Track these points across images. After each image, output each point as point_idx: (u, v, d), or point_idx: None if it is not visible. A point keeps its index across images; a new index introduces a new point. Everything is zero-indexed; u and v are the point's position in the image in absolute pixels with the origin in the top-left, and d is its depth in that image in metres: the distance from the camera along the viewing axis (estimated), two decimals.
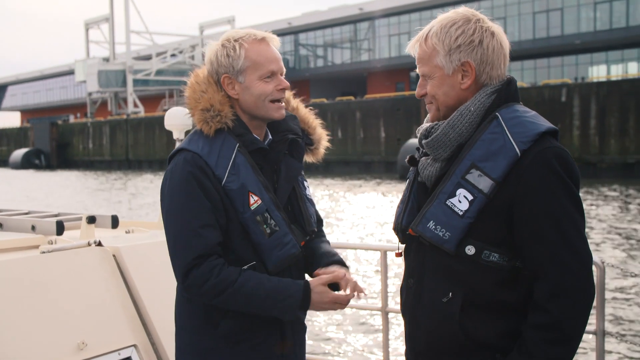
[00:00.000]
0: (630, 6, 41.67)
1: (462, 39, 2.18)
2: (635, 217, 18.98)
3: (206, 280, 2.33)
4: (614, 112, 30.95)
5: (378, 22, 55.57)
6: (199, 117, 2.48)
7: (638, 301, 10.19)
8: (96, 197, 30.28)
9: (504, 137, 2.10)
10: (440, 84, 2.23)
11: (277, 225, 2.44)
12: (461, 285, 2.16)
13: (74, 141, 64.57)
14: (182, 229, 2.37)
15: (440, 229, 2.16)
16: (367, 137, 41.22)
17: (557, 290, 2.05)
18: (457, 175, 2.15)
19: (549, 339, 2.05)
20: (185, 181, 2.39)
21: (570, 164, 2.09)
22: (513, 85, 2.24)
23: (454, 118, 2.20)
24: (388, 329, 4.65)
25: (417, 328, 2.28)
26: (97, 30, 72.77)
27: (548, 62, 47.11)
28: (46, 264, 3.11)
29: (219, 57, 2.49)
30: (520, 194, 2.07)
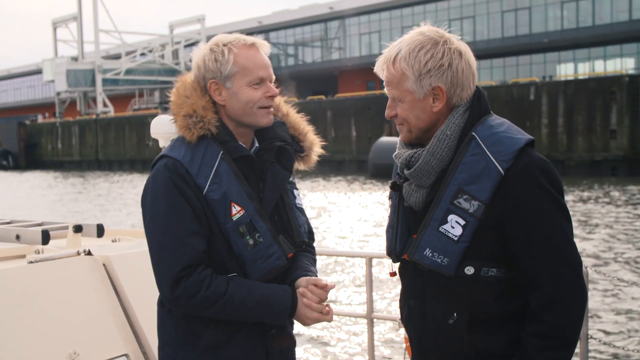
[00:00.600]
0: (596, 5, 42.33)
1: (431, 63, 2.16)
2: (607, 215, 19.26)
3: (197, 293, 2.27)
4: (582, 110, 31.38)
5: (348, 21, 55.69)
6: (181, 123, 2.40)
7: (619, 303, 10.31)
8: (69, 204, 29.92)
9: (485, 157, 2.12)
10: (412, 107, 2.22)
11: (262, 236, 2.36)
12: (464, 304, 2.18)
13: (43, 141, 63.71)
14: (167, 237, 2.29)
15: (438, 255, 2.17)
16: (338, 136, 41.26)
17: (552, 299, 2.10)
18: (446, 201, 2.16)
19: (548, 346, 2.10)
20: (167, 188, 2.31)
21: (553, 174, 2.13)
22: (483, 99, 2.25)
23: (432, 146, 2.20)
24: (373, 335, 4.67)
25: (426, 348, 2.31)
26: (65, 29, 71.82)
27: (517, 61, 47.64)
28: (35, 274, 3.07)
29: (207, 61, 2.41)
30: (510, 210, 2.11)
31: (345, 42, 56.55)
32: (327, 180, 34.72)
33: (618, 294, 10.81)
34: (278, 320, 2.39)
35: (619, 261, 13.28)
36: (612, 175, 30.05)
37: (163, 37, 69.18)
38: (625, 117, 30.21)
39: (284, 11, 61.87)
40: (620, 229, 16.77)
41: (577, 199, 22.67)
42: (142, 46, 69.32)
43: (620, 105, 30.37)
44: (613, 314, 9.76)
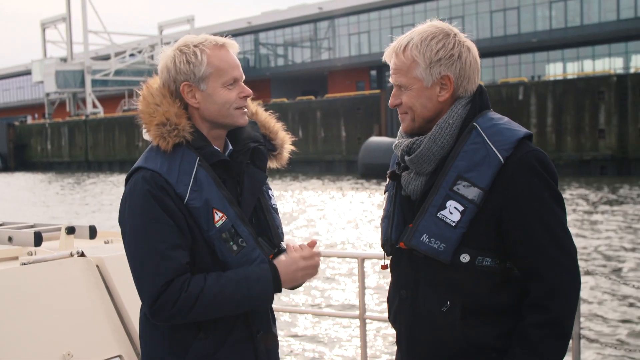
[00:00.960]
0: (584, 5, 42.52)
1: (442, 52, 2.22)
2: (596, 214, 19.35)
3: (176, 300, 2.20)
4: (570, 110, 31.51)
5: (338, 22, 55.71)
6: (155, 133, 2.32)
7: (610, 303, 10.35)
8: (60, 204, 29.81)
9: (485, 146, 2.18)
10: (418, 95, 2.26)
11: (244, 240, 2.31)
12: (458, 293, 2.21)
13: (32, 142, 63.42)
14: (148, 253, 2.22)
15: (435, 241, 2.20)
16: (328, 137, 41.29)
17: (554, 288, 2.14)
18: (445, 187, 2.20)
19: (552, 335, 2.14)
20: (145, 201, 2.24)
21: (550, 165, 2.20)
22: (484, 94, 2.32)
23: (434, 133, 2.24)
24: (366, 335, 4.69)
25: (415, 338, 2.31)
26: (54, 30, 71.54)
27: (506, 60, 47.79)
28: (28, 275, 3.06)
29: (177, 63, 2.33)
30: (508, 199, 2.15)
31: (335, 43, 56.57)
32: (316, 180, 34.72)
33: (609, 292, 10.87)
34: (265, 299, 2.32)
35: (608, 259, 13.34)
36: (600, 174, 30.17)
37: (152, 38, 68.98)
38: (614, 117, 30.35)
39: (273, 11, 61.81)
40: (609, 227, 16.85)
41: (567, 198, 22.76)
42: (132, 47, 69.12)
43: (609, 105, 30.50)
44: (603, 313, 9.80)
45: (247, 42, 61.37)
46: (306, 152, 41.17)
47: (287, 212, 21.45)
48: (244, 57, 61.94)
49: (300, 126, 41.75)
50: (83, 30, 66.00)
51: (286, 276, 2.34)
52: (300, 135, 41.27)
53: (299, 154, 16.95)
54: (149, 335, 2.39)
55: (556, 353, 2.15)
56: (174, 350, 2.33)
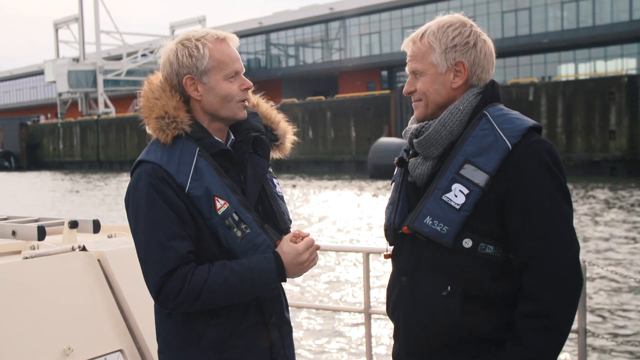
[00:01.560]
0: (597, 5, 42.26)
1: (458, 39, 2.27)
2: (608, 214, 19.26)
3: (180, 290, 2.25)
4: (580, 111, 31.37)
5: (349, 22, 55.66)
6: (154, 126, 2.38)
7: (618, 298, 10.34)
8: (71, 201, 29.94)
9: (494, 132, 2.19)
10: (433, 81, 2.30)
11: (249, 227, 2.34)
12: (459, 279, 2.20)
13: (44, 142, 63.76)
14: (150, 244, 2.28)
15: (438, 223, 2.20)
16: (337, 137, 41.26)
17: (548, 279, 2.12)
18: (451, 171, 2.21)
19: (541, 328, 2.11)
20: (147, 194, 2.30)
21: (558, 156, 2.20)
22: (496, 87, 2.34)
23: (444, 117, 2.27)
24: (371, 330, 4.69)
25: (413, 324, 2.30)
26: (66, 30, 71.90)
27: (517, 61, 47.59)
28: (30, 270, 3.07)
29: (180, 57, 2.38)
30: (513, 185, 2.15)
31: (346, 43, 56.54)
32: (326, 180, 34.73)
33: (616, 289, 10.84)
34: (270, 287, 2.35)
35: (618, 258, 13.29)
36: (611, 175, 30.02)
37: (164, 38, 68.74)
38: (624, 118, 30.18)
39: (285, 12, 61.85)
40: (619, 227, 16.77)
41: (576, 198, 22.66)
42: (144, 47, 69.33)
43: (619, 106, 30.33)
44: (611, 310, 9.78)
45: (258, 43, 61.46)
46: (316, 153, 41.17)
47: (294, 210, 21.47)
48: (255, 57, 62.03)
49: (310, 126, 41.74)
50: (95, 30, 66.29)
51: (291, 266, 2.37)
52: (310, 136, 41.29)
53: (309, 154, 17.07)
54: (163, 324, 2.44)
55: (545, 347, 2.12)
56: (188, 338, 2.37)
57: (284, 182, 32.69)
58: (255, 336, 2.42)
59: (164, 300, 2.28)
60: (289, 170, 40.92)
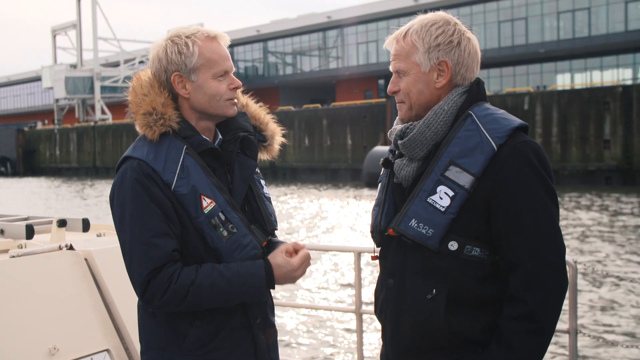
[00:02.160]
0: (592, 16, 42.44)
1: (442, 38, 2.23)
2: (601, 221, 19.28)
3: (166, 289, 2.23)
4: (575, 120, 31.44)
5: (346, 30, 55.78)
6: (141, 122, 2.37)
7: (608, 300, 10.37)
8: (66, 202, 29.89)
9: (479, 133, 2.16)
10: (416, 81, 2.26)
11: (235, 227, 2.33)
12: (445, 281, 2.18)
13: (41, 148, 63.68)
14: (135, 241, 2.26)
15: (423, 226, 2.18)
16: (333, 145, 41.27)
17: (533, 281, 2.10)
18: (436, 172, 2.18)
19: (527, 330, 2.09)
20: (133, 190, 2.28)
21: (545, 157, 2.17)
22: (482, 86, 2.31)
23: (429, 117, 2.23)
24: (362, 330, 4.67)
25: (401, 327, 2.28)
26: (64, 36, 71.94)
27: (514, 71, 47.71)
28: (16, 268, 3.05)
29: (169, 54, 2.35)
30: (499, 186, 2.12)
31: (343, 51, 56.65)
32: (321, 188, 34.71)
33: (608, 291, 10.89)
34: (258, 294, 2.33)
35: (610, 262, 13.35)
36: (605, 185, 30.05)
37: None
38: (619, 127, 30.26)
39: (283, 20, 61.94)
40: (613, 234, 16.78)
41: (571, 207, 22.69)
42: (141, 54, 69.36)
43: (614, 116, 30.42)
44: (602, 311, 9.82)
45: (255, 51, 61.55)
46: (312, 160, 41.17)
47: (288, 216, 21.46)
48: (253, 65, 62.10)
49: (307, 134, 41.72)
50: (93, 37, 66.38)
51: (283, 278, 2.36)
52: (306, 143, 41.28)
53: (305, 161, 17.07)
54: (146, 323, 2.41)
55: (531, 349, 2.11)
56: (171, 338, 2.35)
57: (280, 190, 32.69)
58: (240, 339, 2.40)
59: (150, 299, 2.26)
60: (285, 177, 40.93)
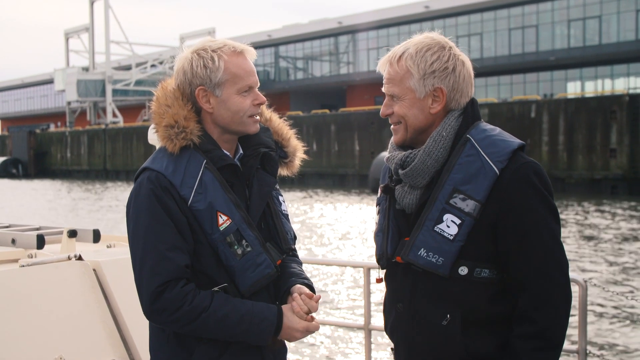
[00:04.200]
0: (603, 24, 42.30)
1: (437, 64, 2.23)
2: (604, 232, 19.18)
3: (179, 307, 2.20)
4: (582, 129, 31.31)
5: (358, 36, 55.81)
6: (162, 134, 2.33)
7: (619, 319, 10.28)
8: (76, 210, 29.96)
9: (480, 158, 2.17)
10: (410, 106, 2.27)
11: (250, 245, 2.30)
12: (457, 305, 2.20)
13: (52, 150, 64.00)
14: (148, 252, 2.23)
15: (433, 255, 2.19)
16: (341, 150, 41.27)
17: (542, 300, 2.14)
18: (441, 201, 2.19)
19: (538, 347, 2.13)
20: (149, 202, 2.25)
21: (545, 177, 2.19)
22: (475, 105, 2.32)
23: (429, 146, 2.24)
24: (371, 346, 4.66)
25: (416, 352, 2.30)
26: (77, 39, 72.35)
27: (524, 78, 47.58)
28: (25, 278, 3.06)
29: (195, 67, 2.33)
30: (504, 210, 2.15)
31: (355, 57, 56.67)
32: (329, 194, 34.68)
33: (617, 308, 10.79)
34: (262, 338, 2.30)
35: (618, 277, 13.24)
36: (611, 194, 29.89)
37: (174, 49, 69.40)
38: (625, 137, 30.13)
39: (294, 25, 62.08)
40: (619, 245, 16.69)
41: (577, 216, 22.58)
42: (153, 57, 69.70)
43: (620, 125, 30.30)
44: (611, 329, 9.72)
45: (267, 55, 61.63)
46: (320, 166, 41.18)
47: (296, 222, 21.45)
48: (264, 69, 62.18)
49: (315, 139, 41.72)
50: (105, 40, 66.65)
51: (285, 329, 2.33)
52: (314, 149, 41.28)
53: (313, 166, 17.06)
54: (155, 337, 2.40)
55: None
56: (179, 353, 2.33)
57: (288, 195, 32.68)
58: (248, 355, 2.37)
59: (158, 312, 2.23)
60: (293, 183, 40.97)
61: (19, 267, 3.16)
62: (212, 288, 2.30)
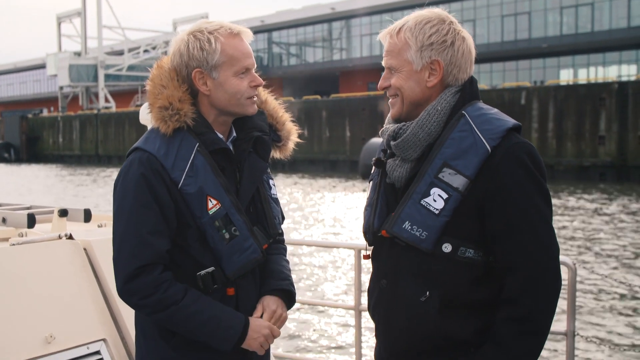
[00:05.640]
0: (596, 12, 42.31)
1: (435, 37, 2.21)
2: (594, 219, 19.28)
3: (151, 294, 2.22)
4: (571, 116, 31.41)
5: (351, 22, 55.66)
6: (156, 115, 2.32)
7: (607, 302, 10.36)
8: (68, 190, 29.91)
9: (473, 134, 2.14)
10: (407, 78, 2.25)
11: (237, 229, 2.31)
12: (438, 283, 2.17)
13: (44, 135, 63.78)
14: (128, 233, 2.24)
15: (417, 228, 2.16)
16: (332, 137, 41.26)
17: (528, 283, 2.09)
18: (430, 174, 2.17)
19: (522, 331, 2.10)
20: (137, 184, 2.25)
21: (538, 158, 2.15)
22: (475, 84, 2.29)
23: (422, 118, 2.22)
24: (361, 327, 4.68)
25: (393, 328, 2.28)
26: (69, 24, 71.95)
27: (517, 65, 47.61)
28: (15, 257, 3.04)
29: (191, 49, 2.31)
30: (493, 189, 2.11)
31: (348, 43, 56.56)
32: (319, 179, 34.70)
33: (605, 291, 10.89)
34: (223, 345, 2.30)
35: (606, 261, 13.37)
36: (600, 181, 30.04)
37: (166, 35, 69.12)
38: (614, 124, 30.26)
39: (288, 11, 61.83)
40: (607, 230, 16.80)
41: (565, 203, 22.68)
42: (145, 43, 69.38)
43: (609, 112, 30.43)
44: (600, 312, 9.82)
45: (260, 41, 61.43)
46: (311, 152, 41.19)
47: (288, 208, 21.50)
48: (257, 55, 61.78)
49: (306, 125, 41.64)
50: (97, 25, 66.32)
51: (250, 338, 2.33)
52: (305, 135, 41.26)
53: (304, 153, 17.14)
54: (141, 317, 2.41)
55: (526, 351, 2.11)
56: (162, 334, 2.35)
57: (279, 182, 32.69)
58: None
59: (130, 294, 2.25)
60: (284, 168, 40.97)
61: (9, 245, 3.15)
62: (199, 272, 2.32)
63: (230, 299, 2.37)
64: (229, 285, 2.37)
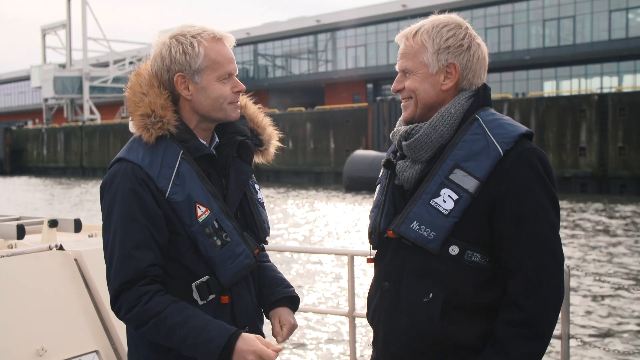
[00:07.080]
0: (577, 24, 42.70)
1: (452, 40, 2.21)
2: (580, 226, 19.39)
3: (133, 307, 2.18)
4: (552, 127, 31.60)
5: (336, 34, 55.82)
6: (138, 123, 2.27)
7: (601, 305, 10.41)
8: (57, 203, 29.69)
9: (486, 137, 2.15)
10: (422, 80, 2.24)
11: (229, 235, 2.28)
12: (442, 286, 2.16)
13: (28, 147, 63.23)
14: (115, 250, 2.21)
15: (425, 229, 2.15)
16: (317, 148, 41.25)
17: (531, 287, 2.09)
18: (441, 175, 2.16)
19: (523, 335, 2.09)
20: (123, 197, 2.20)
21: (549, 165, 2.16)
22: (488, 91, 2.31)
23: (435, 119, 2.21)
24: (355, 334, 4.68)
25: (394, 330, 2.25)
26: (54, 36, 71.47)
27: (500, 77, 47.88)
28: (5, 268, 3.01)
29: (173, 53, 2.27)
30: (503, 192, 2.11)
31: (334, 55, 56.69)
32: (304, 190, 34.70)
33: (598, 295, 10.94)
34: (206, 358, 2.19)
35: (597, 265, 13.44)
36: (581, 191, 30.20)
37: (152, 47, 68.89)
38: (594, 135, 30.46)
39: (273, 23, 61.89)
40: (595, 237, 16.90)
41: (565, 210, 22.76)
42: (131, 55, 69.05)
43: (590, 124, 30.63)
44: (593, 315, 9.86)
45: (245, 53, 61.41)
46: (295, 163, 41.16)
47: (276, 219, 21.46)
48: (243, 67, 61.95)
49: (291, 137, 41.61)
50: (82, 37, 65.98)
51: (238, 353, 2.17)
52: (290, 147, 41.25)
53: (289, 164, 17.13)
54: (133, 332, 2.36)
55: (527, 355, 2.09)
56: (157, 348, 2.30)
57: (264, 192, 32.67)
58: None
59: (117, 309, 2.24)
60: (268, 179, 40.93)
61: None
62: (193, 281, 2.28)
63: (225, 306, 2.34)
64: (224, 293, 2.33)
